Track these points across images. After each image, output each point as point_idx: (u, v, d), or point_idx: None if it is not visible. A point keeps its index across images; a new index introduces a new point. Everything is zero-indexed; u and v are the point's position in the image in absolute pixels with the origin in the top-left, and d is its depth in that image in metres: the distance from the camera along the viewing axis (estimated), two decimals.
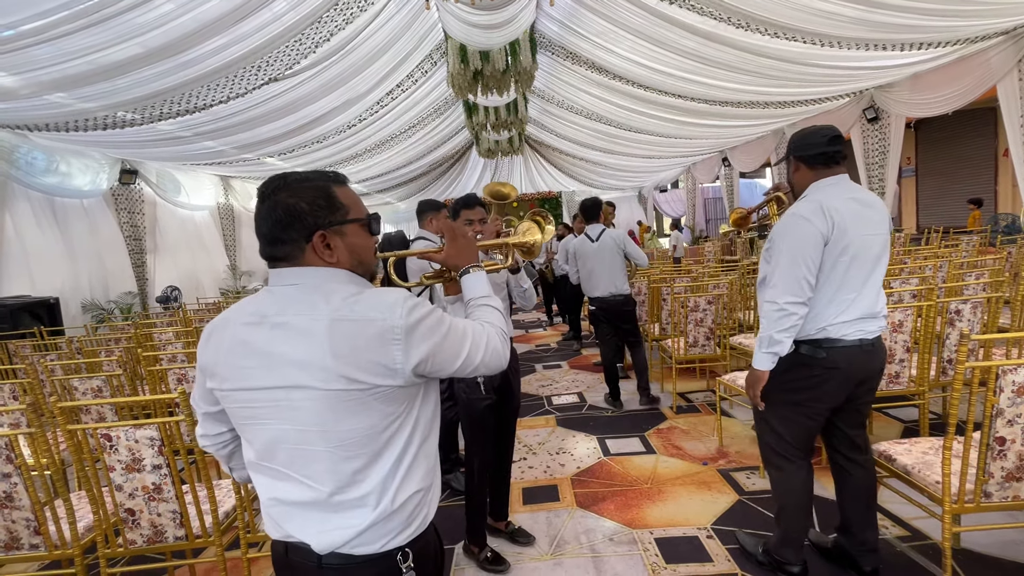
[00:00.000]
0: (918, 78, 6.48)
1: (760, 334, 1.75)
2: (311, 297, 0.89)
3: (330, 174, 0.98)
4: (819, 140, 1.75)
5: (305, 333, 0.86)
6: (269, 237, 0.92)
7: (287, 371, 0.86)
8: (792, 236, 1.69)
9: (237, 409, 0.93)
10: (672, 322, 4.16)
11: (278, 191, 0.91)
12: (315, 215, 0.91)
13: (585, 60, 7.21)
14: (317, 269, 0.92)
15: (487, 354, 1.01)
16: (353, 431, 0.88)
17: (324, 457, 0.88)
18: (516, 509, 2.65)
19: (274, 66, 5.29)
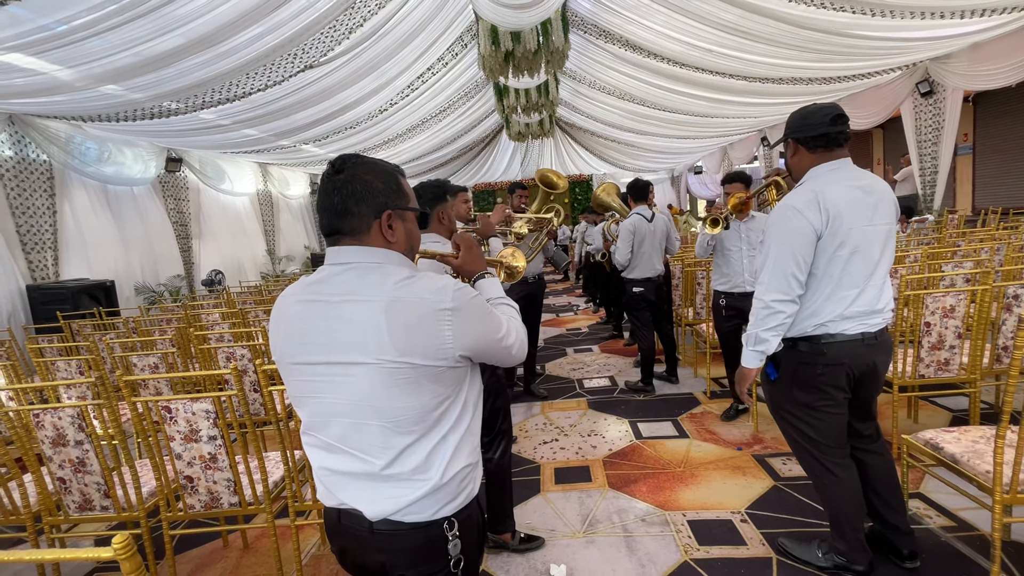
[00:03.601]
0: (978, 48, 6.05)
1: (747, 331, 1.71)
2: (370, 276, 0.94)
3: (394, 164, 1.03)
4: (820, 120, 1.61)
5: (363, 311, 0.91)
6: (340, 209, 0.95)
7: (346, 348, 0.92)
8: (782, 230, 1.61)
9: (296, 383, 0.99)
10: (707, 306, 4.09)
11: (356, 166, 0.96)
12: (387, 195, 0.97)
13: (618, 37, 7.04)
14: (375, 249, 0.97)
15: (517, 342, 1.08)
16: (406, 408, 0.92)
17: (377, 432, 0.93)
18: (548, 488, 2.70)
19: (310, 53, 5.38)
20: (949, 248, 4.09)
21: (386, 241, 0.98)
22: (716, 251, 3.25)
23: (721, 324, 3.30)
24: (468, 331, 0.95)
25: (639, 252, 3.86)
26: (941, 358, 2.50)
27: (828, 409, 1.72)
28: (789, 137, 1.71)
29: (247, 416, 1.92)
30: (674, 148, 12.88)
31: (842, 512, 1.79)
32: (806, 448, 1.81)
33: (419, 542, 0.97)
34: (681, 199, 16.23)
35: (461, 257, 1.24)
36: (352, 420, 0.94)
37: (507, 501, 2.24)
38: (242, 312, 4.16)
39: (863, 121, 7.59)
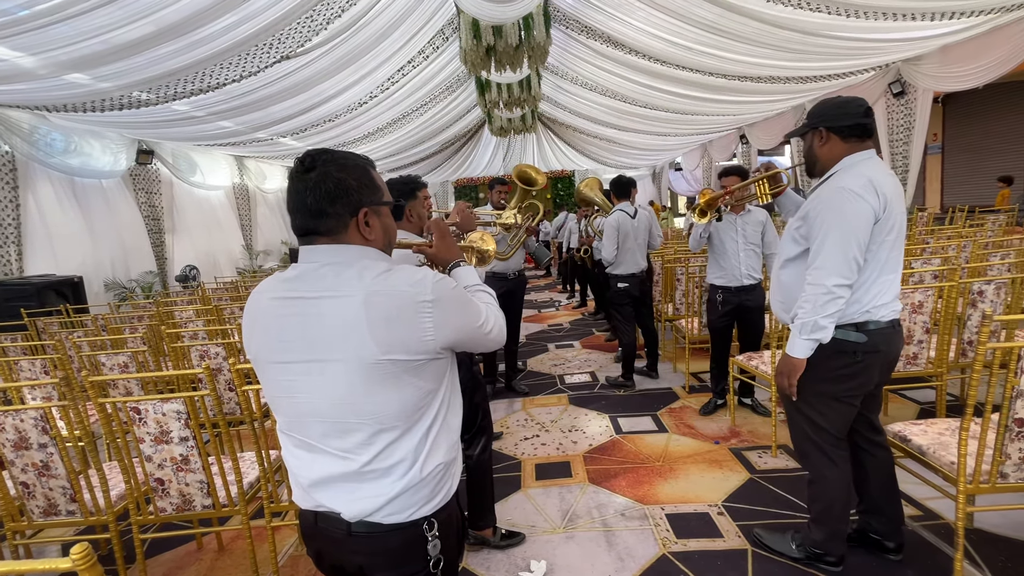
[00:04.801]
0: (948, 50, 6.22)
1: (801, 319, 1.60)
2: (346, 272, 0.92)
3: (363, 157, 1.01)
4: (856, 110, 1.62)
5: (341, 308, 0.89)
6: (314, 209, 0.92)
7: (324, 345, 0.90)
8: (842, 213, 1.55)
9: (272, 382, 0.97)
10: (686, 302, 4.15)
11: (327, 163, 0.93)
12: (361, 192, 0.95)
13: (600, 33, 7.05)
14: (351, 247, 0.95)
15: (495, 327, 1.08)
16: (387, 404, 0.91)
17: (359, 429, 0.92)
18: (529, 484, 2.70)
19: (286, 43, 5.26)
20: (918, 245, 4.21)
21: (364, 238, 0.96)
22: (712, 245, 3.27)
23: (715, 318, 3.32)
24: (449, 322, 0.95)
25: (623, 248, 3.89)
26: (910, 352, 2.58)
27: (850, 400, 1.70)
28: (822, 125, 1.67)
29: (220, 416, 1.88)
30: (655, 145, 12.98)
31: (836, 504, 1.78)
32: (813, 439, 1.77)
33: (397, 543, 0.96)
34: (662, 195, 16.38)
35: (435, 245, 1.23)
36: (332, 418, 0.92)
37: (488, 498, 2.24)
38: (217, 309, 4.07)
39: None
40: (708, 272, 3.35)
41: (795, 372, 1.67)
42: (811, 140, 1.72)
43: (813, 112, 1.72)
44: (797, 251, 1.71)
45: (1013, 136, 9.89)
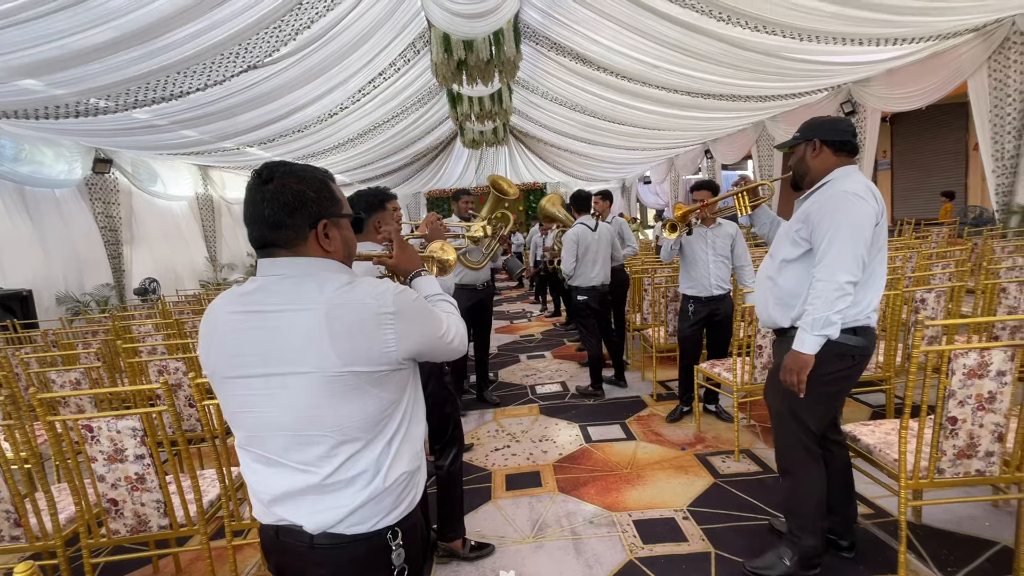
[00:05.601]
0: (893, 73, 6.63)
1: (812, 315, 1.61)
2: (307, 285, 0.92)
3: (323, 169, 1.01)
4: (847, 127, 1.73)
5: (302, 320, 0.89)
6: (272, 221, 0.92)
7: (285, 358, 0.89)
8: (849, 213, 1.60)
9: (231, 397, 0.95)
10: (653, 312, 4.24)
11: (286, 175, 0.93)
12: (320, 204, 0.95)
13: (569, 50, 7.22)
14: (311, 259, 0.95)
15: (457, 337, 1.10)
16: (350, 416, 0.91)
17: (321, 442, 0.91)
18: (499, 495, 2.70)
19: (253, 53, 5.20)
20: None
21: (323, 250, 0.97)
22: (684, 256, 3.36)
23: (686, 327, 3.41)
24: (411, 333, 0.96)
25: (583, 261, 3.94)
26: None
27: (838, 399, 1.77)
28: (818, 138, 1.74)
29: (179, 433, 1.82)
30: (624, 159, 13.30)
31: (821, 502, 1.81)
32: (803, 440, 1.79)
33: (361, 554, 0.96)
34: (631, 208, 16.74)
35: (395, 256, 1.24)
36: (294, 432, 0.92)
37: (457, 509, 2.23)
38: (178, 322, 3.94)
39: None
40: (680, 283, 3.45)
41: (805, 368, 1.66)
42: (804, 151, 1.79)
43: (807, 126, 1.79)
44: (798, 253, 1.74)
45: (954, 154, 10.54)
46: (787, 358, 1.69)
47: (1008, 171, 5.60)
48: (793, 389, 1.69)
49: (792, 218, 1.81)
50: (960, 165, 10.46)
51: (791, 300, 1.76)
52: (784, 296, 1.78)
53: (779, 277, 1.80)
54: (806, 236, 1.70)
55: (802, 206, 1.78)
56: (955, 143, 10.46)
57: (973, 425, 1.58)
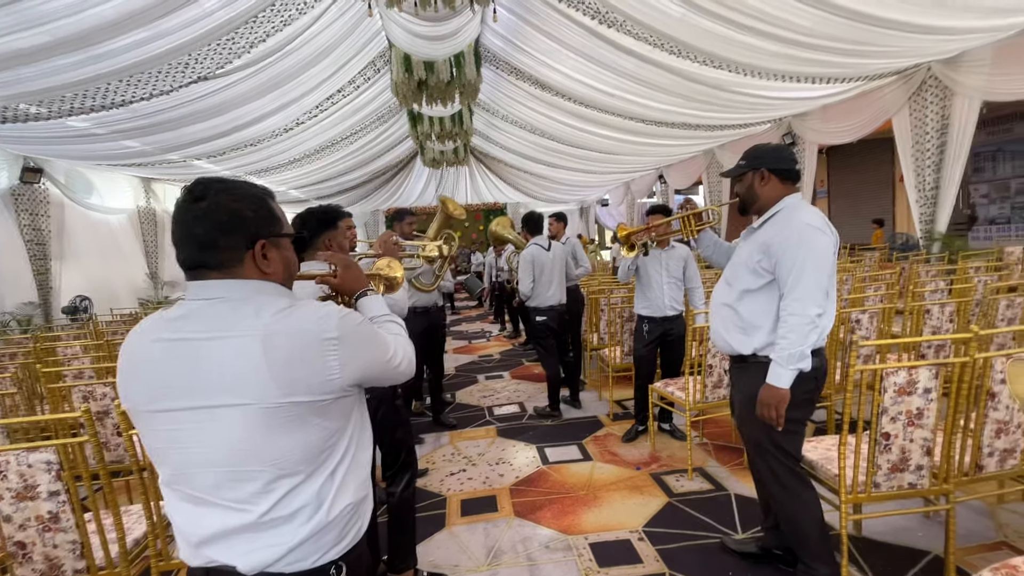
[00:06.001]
0: (827, 109, 7.14)
1: (786, 349, 1.63)
2: (243, 310, 0.86)
3: (262, 186, 0.97)
4: (790, 155, 1.79)
5: (237, 348, 0.83)
6: (204, 241, 0.86)
7: (216, 390, 0.83)
8: (814, 246, 1.65)
9: (155, 433, 0.88)
10: (609, 332, 4.30)
11: (219, 193, 0.88)
12: (258, 223, 0.90)
13: (529, 76, 7.39)
14: (246, 281, 0.89)
15: (404, 359, 1.06)
16: (290, 448, 0.86)
17: (257, 478, 0.85)
18: (454, 521, 2.62)
19: (203, 64, 5.03)
20: None
21: (261, 272, 0.91)
22: (639, 278, 3.44)
23: (641, 347, 3.46)
24: (355, 359, 0.92)
25: (540, 281, 3.98)
26: None
27: (807, 422, 1.79)
28: (765, 167, 1.78)
29: (101, 466, 1.67)
30: (582, 181, 13.63)
31: (823, 525, 1.78)
32: (786, 466, 1.79)
33: None
34: (590, 229, 17.12)
35: (340, 276, 1.18)
36: (227, 468, 0.85)
37: (409, 538, 2.15)
38: (109, 344, 3.67)
39: None
40: (635, 303, 3.52)
41: (783, 402, 1.67)
42: (751, 180, 1.83)
43: (752, 154, 1.83)
44: (760, 283, 1.76)
45: (883, 184, 11.40)
46: (763, 393, 1.69)
47: (929, 201, 6.09)
48: (772, 423, 1.69)
49: (749, 246, 1.82)
50: (888, 195, 11.31)
51: (752, 329, 1.78)
52: (746, 326, 1.80)
53: (739, 306, 1.81)
54: (768, 267, 1.73)
55: (759, 235, 1.80)
56: (884, 175, 11.32)
57: (904, 440, 1.67)
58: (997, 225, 8.91)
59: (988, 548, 2.05)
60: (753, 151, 1.85)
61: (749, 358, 1.81)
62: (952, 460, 1.74)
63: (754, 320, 1.78)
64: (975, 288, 3.42)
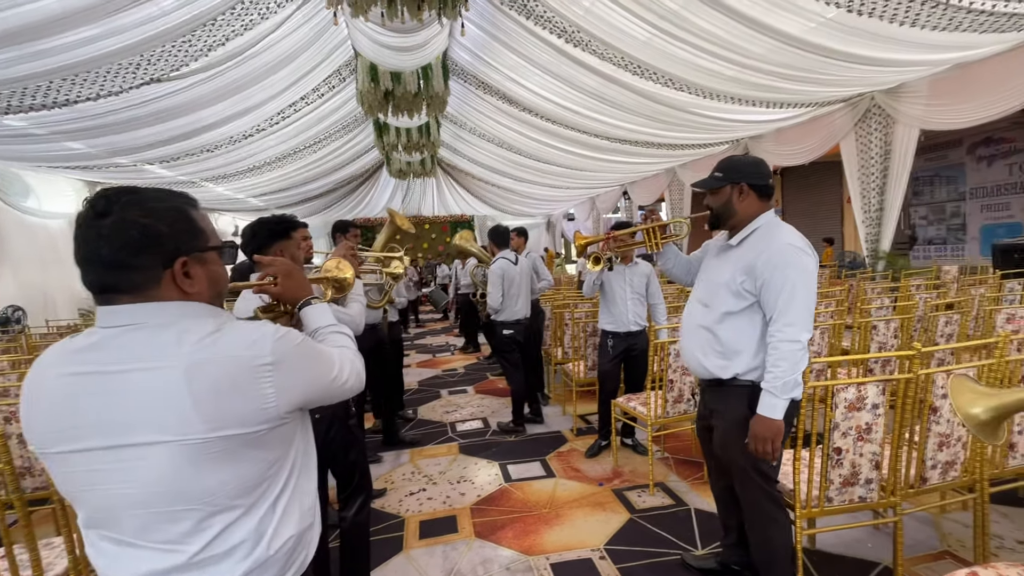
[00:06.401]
0: (781, 132, 7.48)
1: (781, 378, 1.55)
2: (159, 338, 0.78)
3: (181, 195, 0.88)
4: (768, 171, 1.71)
5: (155, 381, 0.75)
6: (111, 262, 0.77)
7: (135, 427, 0.75)
8: (804, 269, 1.59)
9: (68, 475, 0.79)
10: (573, 346, 4.31)
11: (127, 207, 0.78)
12: (177, 239, 0.81)
13: (496, 91, 7.44)
14: (165, 305, 0.80)
15: (351, 375, 0.99)
16: (223, 484, 0.78)
17: (187, 517, 0.78)
18: (412, 544, 2.53)
19: (157, 65, 4.83)
20: None
21: (183, 292, 0.82)
22: (604, 293, 3.44)
23: (605, 362, 3.46)
24: (294, 383, 0.85)
25: (509, 294, 3.95)
26: None
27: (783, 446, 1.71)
28: (745, 181, 1.70)
29: (15, 495, 1.52)
30: (549, 196, 13.78)
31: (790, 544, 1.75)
32: (766, 491, 1.72)
33: None
34: (556, 243, 17.29)
35: (280, 284, 1.10)
36: (152, 509, 0.77)
37: (363, 564, 2.05)
38: None
39: None
40: (600, 318, 3.53)
41: (780, 434, 1.58)
42: (729, 194, 1.73)
43: (730, 167, 1.73)
44: (742, 306, 1.68)
45: (833, 205, 12.00)
46: (757, 427, 1.60)
47: (875, 222, 6.43)
48: (767, 458, 1.61)
49: (727, 266, 1.73)
50: (837, 215, 11.91)
51: (733, 354, 1.70)
52: (726, 350, 1.71)
53: (719, 329, 1.72)
54: (751, 289, 1.65)
55: (738, 255, 1.72)
56: (833, 196, 11.93)
57: (855, 455, 1.71)
58: (935, 245, 9.50)
59: (933, 558, 2.12)
60: (730, 163, 1.76)
61: (728, 382, 1.73)
62: (898, 473, 1.79)
63: (735, 344, 1.69)
64: (917, 305, 3.60)
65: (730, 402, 1.75)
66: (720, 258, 1.82)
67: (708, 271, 1.87)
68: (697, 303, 1.85)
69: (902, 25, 4.19)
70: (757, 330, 1.68)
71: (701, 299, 1.83)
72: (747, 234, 1.74)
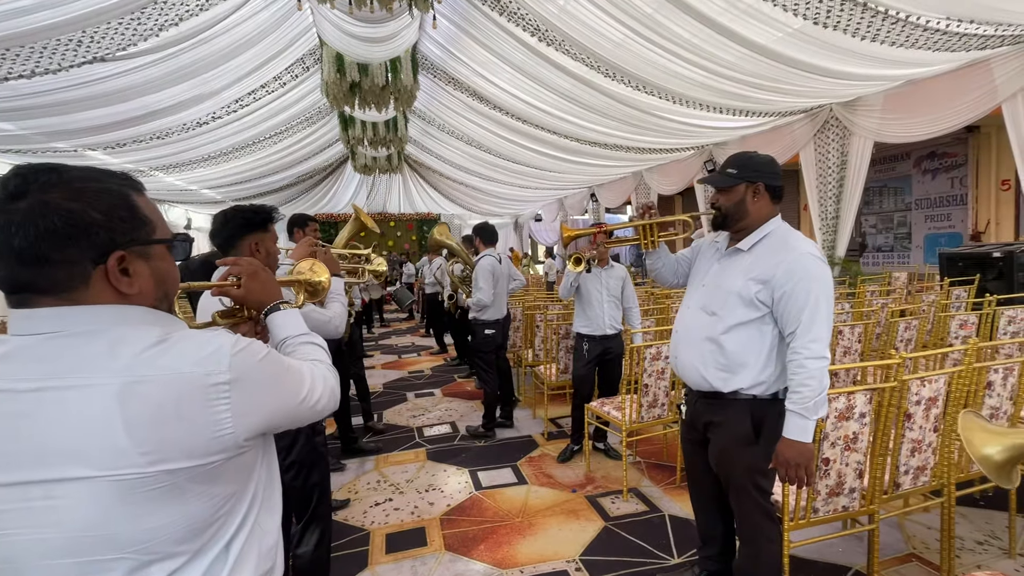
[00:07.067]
0: (745, 140, 7.67)
1: (810, 398, 1.45)
2: (87, 349, 0.64)
3: (122, 176, 0.73)
4: (779, 171, 1.61)
5: (80, 402, 0.61)
6: (27, 256, 0.63)
7: (51, 459, 0.60)
8: (823, 280, 1.49)
9: None
10: (544, 348, 4.24)
11: (49, 188, 0.64)
12: (112, 229, 0.67)
13: (466, 87, 7.31)
14: (96, 309, 0.66)
15: (324, 394, 0.86)
16: (163, 527, 0.64)
17: (115, 568, 0.63)
18: (378, 559, 2.39)
19: (101, 44, 4.47)
20: None
21: (118, 293, 0.69)
22: (580, 295, 3.38)
23: (581, 366, 3.40)
24: (256, 406, 0.71)
25: (497, 292, 3.91)
26: None
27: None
28: (762, 181, 1.60)
29: None
30: (517, 196, 13.72)
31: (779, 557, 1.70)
32: (762, 506, 1.66)
33: None
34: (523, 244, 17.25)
35: (244, 286, 0.96)
36: (72, 559, 0.62)
37: None
38: None
39: (668, 188, 8.99)
40: (575, 321, 3.47)
41: (811, 459, 1.48)
42: (744, 193, 1.62)
43: (745, 164, 1.62)
44: (754, 316, 1.57)
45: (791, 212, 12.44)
46: (787, 452, 1.49)
47: (831, 229, 6.68)
48: (800, 484, 1.51)
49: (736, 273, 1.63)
50: (794, 222, 12.36)
51: (735, 367, 1.60)
52: (729, 363, 1.61)
53: (725, 340, 1.61)
54: (765, 300, 1.55)
55: (748, 261, 1.62)
56: (792, 203, 12.37)
57: (841, 464, 1.71)
58: (883, 252, 10.00)
59: (900, 560, 2.16)
60: (744, 160, 1.63)
61: (728, 395, 1.64)
62: (876, 480, 1.80)
63: (740, 357, 1.59)
64: (879, 311, 3.72)
65: (730, 415, 1.65)
66: (725, 263, 1.69)
67: (712, 276, 1.72)
68: (699, 311, 1.71)
69: (863, 39, 4.34)
70: (766, 343, 1.58)
71: (705, 307, 1.69)
72: (758, 239, 1.63)
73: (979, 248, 5.51)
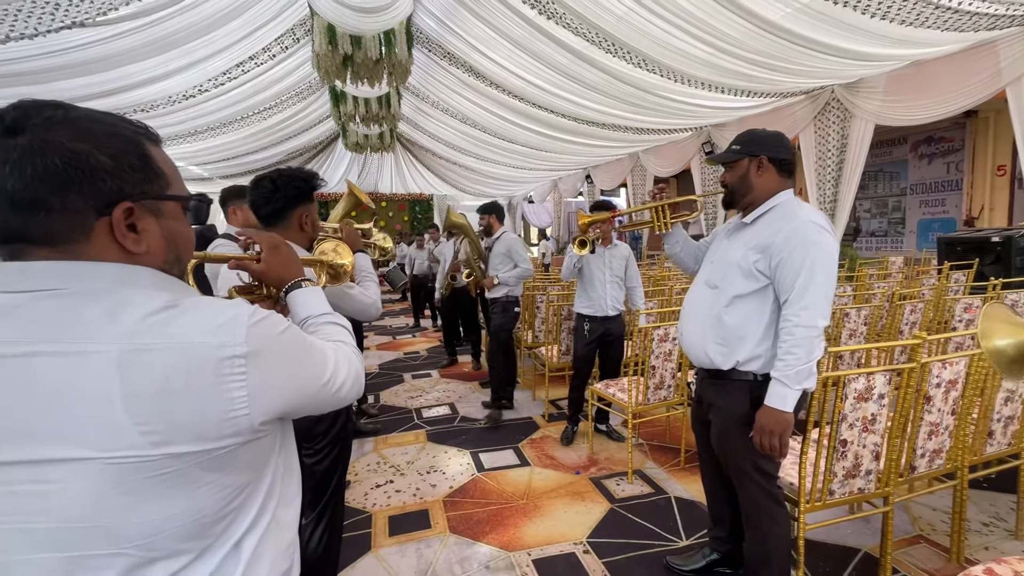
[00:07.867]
0: (744, 121, 7.57)
1: (793, 366, 1.43)
2: (86, 311, 0.56)
3: (140, 125, 0.65)
4: (789, 145, 1.59)
5: (76, 371, 0.53)
6: (22, 199, 0.54)
7: (37, 436, 0.52)
8: (824, 249, 1.46)
9: None
10: (545, 329, 4.19)
11: (54, 125, 0.56)
12: (121, 178, 0.59)
13: (462, 63, 7.11)
14: (98, 266, 0.58)
15: (348, 379, 0.77)
16: (168, 521, 0.56)
17: (111, 565, 0.55)
18: (381, 543, 2.35)
19: (79, 8, 4.23)
20: None
21: (124, 252, 0.60)
22: (582, 276, 3.33)
23: (582, 346, 3.36)
24: (275, 385, 0.63)
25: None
26: None
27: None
28: (766, 154, 1.57)
29: None
30: (511, 176, 13.54)
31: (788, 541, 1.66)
32: (767, 489, 1.63)
33: None
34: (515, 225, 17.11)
35: (265, 260, 0.89)
36: (61, 554, 0.54)
37: None
38: None
39: (664, 170, 8.90)
40: (576, 302, 3.41)
41: (788, 429, 1.47)
42: (747, 168, 1.61)
43: (749, 139, 1.61)
44: (754, 287, 1.55)
45: None
46: (764, 419, 1.48)
47: (829, 212, 6.65)
48: (773, 453, 1.49)
49: (738, 245, 1.62)
50: None
51: (734, 341, 1.58)
52: (728, 336, 1.59)
53: (727, 313, 1.59)
54: (764, 269, 1.53)
55: (751, 233, 1.60)
56: None
57: (858, 446, 1.67)
58: (876, 237, 10.04)
59: (908, 542, 2.16)
60: (749, 136, 1.62)
61: (728, 374, 1.62)
62: (893, 462, 1.78)
63: (740, 330, 1.57)
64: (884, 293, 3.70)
65: (729, 397, 1.64)
66: (731, 238, 1.68)
67: (717, 251, 1.73)
68: (704, 285, 1.71)
69: (873, 17, 4.25)
70: (766, 315, 1.56)
71: (708, 280, 1.69)
72: (763, 212, 1.61)
73: (978, 232, 5.53)
